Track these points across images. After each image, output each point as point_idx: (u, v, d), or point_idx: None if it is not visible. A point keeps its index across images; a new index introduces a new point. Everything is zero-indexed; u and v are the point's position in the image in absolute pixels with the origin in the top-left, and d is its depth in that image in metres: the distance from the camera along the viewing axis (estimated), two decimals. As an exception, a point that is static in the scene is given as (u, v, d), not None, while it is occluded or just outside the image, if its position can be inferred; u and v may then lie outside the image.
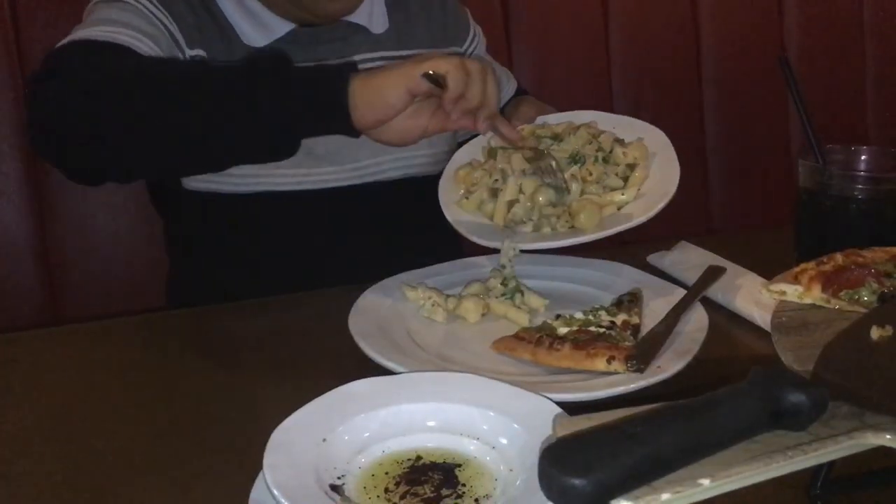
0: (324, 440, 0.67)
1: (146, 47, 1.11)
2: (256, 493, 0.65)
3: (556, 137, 1.18)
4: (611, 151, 1.15)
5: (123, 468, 0.76)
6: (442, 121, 1.00)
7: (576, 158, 1.14)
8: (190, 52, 1.18)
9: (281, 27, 1.22)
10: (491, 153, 1.22)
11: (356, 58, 1.27)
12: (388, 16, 1.32)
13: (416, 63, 0.96)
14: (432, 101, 0.99)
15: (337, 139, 1.23)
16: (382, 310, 1.00)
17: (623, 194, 1.10)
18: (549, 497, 0.52)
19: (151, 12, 1.16)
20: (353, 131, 0.98)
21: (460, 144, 1.32)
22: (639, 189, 1.10)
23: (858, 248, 0.90)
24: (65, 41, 1.11)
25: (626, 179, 1.12)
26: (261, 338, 1.03)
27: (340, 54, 1.26)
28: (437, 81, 0.95)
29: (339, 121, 0.97)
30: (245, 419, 0.83)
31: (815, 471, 0.68)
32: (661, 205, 1.05)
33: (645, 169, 1.13)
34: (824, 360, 0.68)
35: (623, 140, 1.18)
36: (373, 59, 1.28)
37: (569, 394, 0.80)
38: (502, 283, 1.03)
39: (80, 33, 1.11)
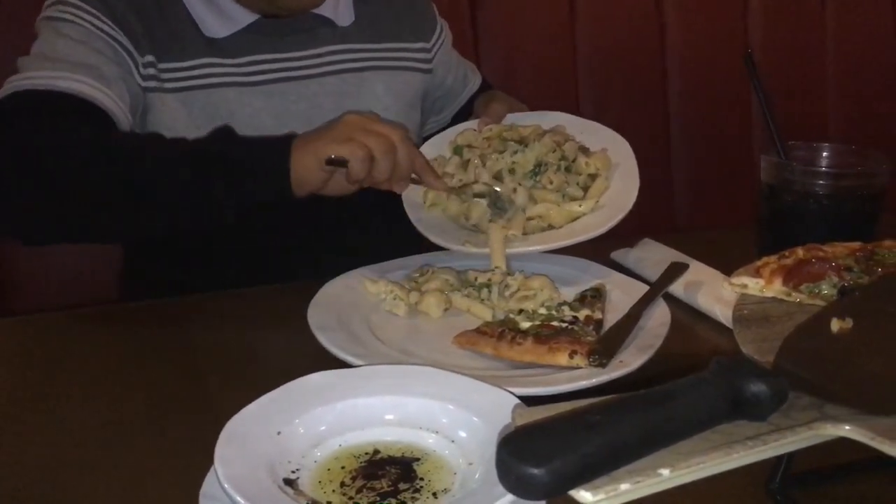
0: (278, 433, 0.66)
1: (88, 88, 1.09)
2: (207, 486, 0.63)
3: (522, 141, 1.18)
4: (574, 161, 1.15)
5: (73, 461, 0.74)
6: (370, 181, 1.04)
7: (537, 168, 1.14)
8: (142, 60, 1.16)
9: (244, 17, 1.20)
10: (456, 150, 1.21)
11: (321, 49, 1.26)
12: (353, 9, 1.31)
13: (324, 143, 1.00)
14: None
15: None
16: (343, 303, 0.99)
17: (581, 206, 1.10)
18: (506, 487, 0.51)
19: (99, 28, 1.13)
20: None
21: (426, 139, 1.31)
22: (597, 201, 1.11)
23: (819, 242, 0.90)
24: (3, 93, 1.08)
25: (586, 189, 1.13)
26: (218, 331, 1.01)
27: (305, 46, 1.25)
28: (342, 163, 0.99)
29: (283, 197, 1.03)
30: (199, 412, 0.81)
31: (774, 464, 0.68)
32: (614, 221, 1.06)
33: (606, 180, 1.13)
34: (785, 351, 0.68)
35: (587, 149, 1.18)
36: (339, 52, 1.27)
37: (530, 388, 0.79)
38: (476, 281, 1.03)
39: (21, 80, 1.08)
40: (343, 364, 0.84)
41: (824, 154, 1.13)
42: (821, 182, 1.04)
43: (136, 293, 1.28)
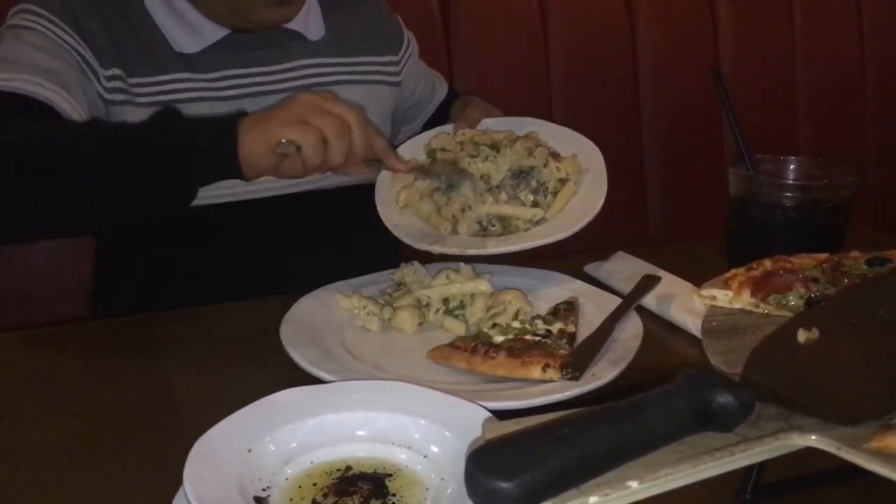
0: (249, 451, 0.66)
1: (44, 90, 1.08)
2: (177, 506, 0.63)
3: (494, 146, 1.19)
4: (545, 165, 1.16)
5: (41, 481, 0.73)
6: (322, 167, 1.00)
7: (517, 173, 1.15)
8: (105, 73, 1.15)
9: (215, 33, 1.20)
10: (430, 153, 1.22)
11: (292, 64, 1.26)
12: (324, 23, 1.31)
13: (275, 126, 0.96)
14: None
15: None
16: (316, 319, 0.98)
17: (546, 212, 1.12)
18: (475, 502, 0.51)
19: (61, 38, 1.13)
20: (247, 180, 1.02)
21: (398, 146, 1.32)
22: (565, 205, 1.12)
23: (787, 254, 0.91)
24: None
25: (555, 194, 1.14)
26: (191, 347, 1.00)
27: (276, 61, 1.25)
28: (293, 148, 0.96)
29: (232, 176, 1.00)
30: (170, 430, 0.81)
31: (745, 475, 0.69)
32: (580, 224, 1.07)
33: (575, 185, 1.15)
34: (752, 362, 0.68)
35: (558, 154, 1.19)
36: (310, 66, 1.27)
37: (504, 402, 0.79)
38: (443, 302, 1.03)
39: None
40: (316, 380, 0.84)
41: (791, 167, 1.15)
42: (788, 194, 1.05)
43: (105, 311, 1.27)
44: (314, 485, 0.65)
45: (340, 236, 1.27)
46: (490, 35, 1.83)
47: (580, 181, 1.15)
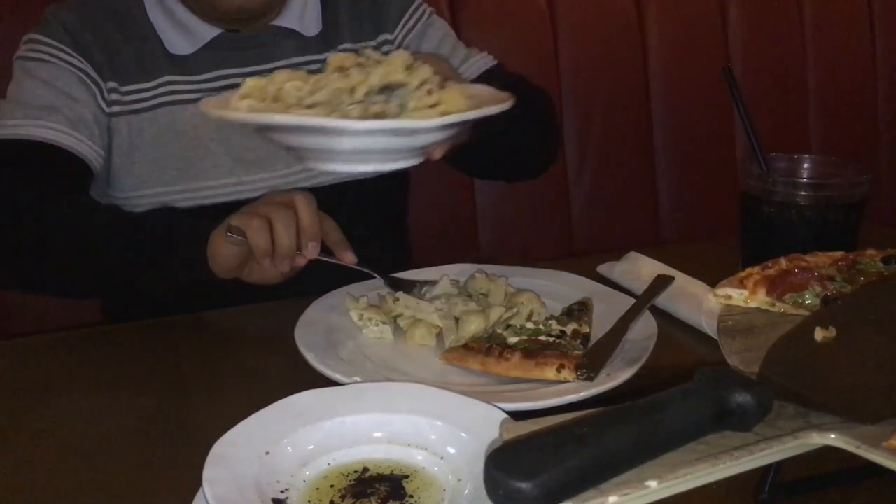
0: (267, 453, 0.66)
1: (54, 133, 1.13)
2: (196, 509, 0.63)
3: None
4: (418, 87, 0.93)
5: (58, 485, 0.73)
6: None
7: (383, 89, 0.93)
8: (106, 86, 1.19)
9: (207, 33, 1.21)
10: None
11: (284, 62, 1.25)
12: (322, 18, 1.30)
13: (231, 219, 0.98)
14: None
15: (267, 145, 1.22)
16: (330, 321, 0.98)
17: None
18: (495, 502, 0.51)
19: (67, 61, 1.17)
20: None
21: None
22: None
23: (802, 252, 0.91)
24: None
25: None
26: (205, 350, 1.00)
27: (270, 59, 1.25)
28: (241, 235, 0.97)
29: (208, 276, 1.02)
30: (187, 433, 0.81)
31: (762, 474, 0.68)
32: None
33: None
34: (769, 361, 0.68)
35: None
36: (302, 64, 1.26)
37: (519, 403, 0.79)
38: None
39: None
40: (331, 382, 0.84)
41: (805, 165, 1.14)
42: (802, 193, 1.05)
43: (120, 315, 1.27)
44: (332, 486, 0.66)
45: (353, 238, 1.27)
46: (499, 39, 1.82)
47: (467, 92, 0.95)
